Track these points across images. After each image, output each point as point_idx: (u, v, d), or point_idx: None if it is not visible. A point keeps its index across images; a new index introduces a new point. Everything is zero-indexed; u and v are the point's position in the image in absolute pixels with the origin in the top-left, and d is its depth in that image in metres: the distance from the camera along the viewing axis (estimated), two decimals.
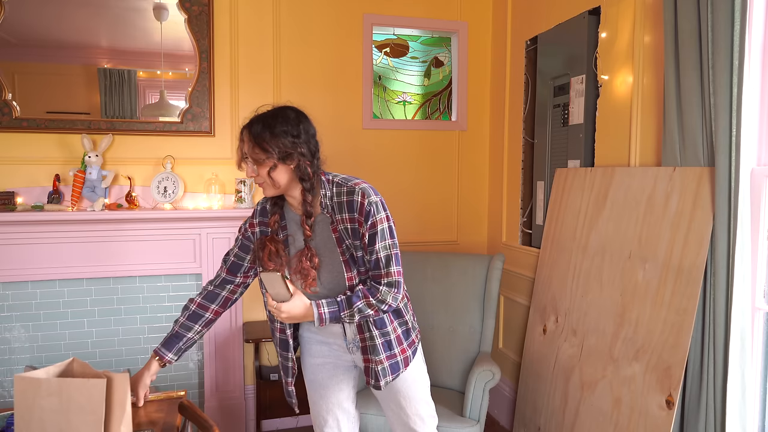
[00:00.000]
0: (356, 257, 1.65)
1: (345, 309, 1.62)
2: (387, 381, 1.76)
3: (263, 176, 1.60)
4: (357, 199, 1.60)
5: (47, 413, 1.27)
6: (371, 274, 1.65)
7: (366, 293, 1.63)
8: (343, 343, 1.81)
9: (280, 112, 1.63)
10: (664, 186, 2.02)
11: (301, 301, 1.61)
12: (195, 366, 3.04)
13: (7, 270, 2.69)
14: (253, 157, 1.58)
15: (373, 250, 1.61)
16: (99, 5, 2.79)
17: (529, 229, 3.07)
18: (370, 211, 1.59)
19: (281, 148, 1.57)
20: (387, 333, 1.74)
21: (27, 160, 2.76)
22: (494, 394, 3.19)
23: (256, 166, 1.60)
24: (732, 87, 1.71)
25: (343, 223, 1.63)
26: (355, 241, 1.63)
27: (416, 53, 3.47)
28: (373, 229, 1.60)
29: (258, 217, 1.80)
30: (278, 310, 1.59)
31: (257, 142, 1.57)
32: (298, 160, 1.59)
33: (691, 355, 1.87)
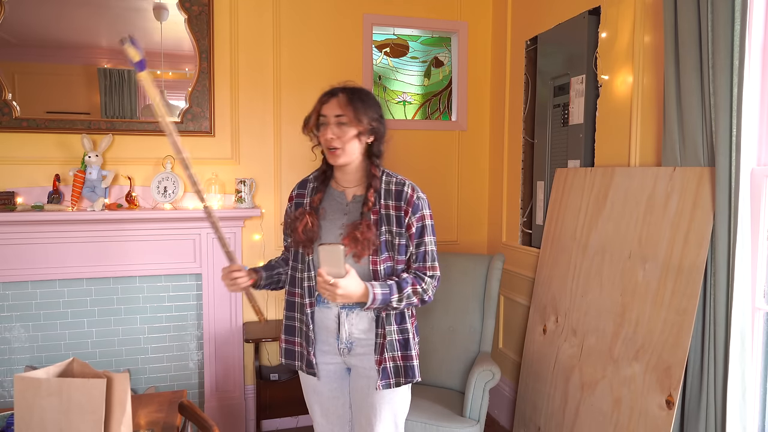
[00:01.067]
0: (394, 244, 1.66)
1: (395, 293, 1.61)
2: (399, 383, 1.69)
3: (344, 140, 1.63)
4: (407, 190, 1.68)
5: (47, 413, 1.27)
6: (416, 266, 1.69)
7: (414, 281, 1.65)
8: (335, 344, 1.74)
9: (368, 90, 1.72)
10: (664, 186, 2.02)
11: (356, 280, 1.55)
12: (195, 366, 3.04)
13: (7, 270, 2.69)
14: (344, 120, 1.62)
15: (422, 242, 1.68)
16: (99, 5, 2.79)
17: (529, 229, 3.07)
18: (419, 204, 1.67)
19: (369, 121, 1.64)
20: (405, 330, 1.71)
21: (27, 160, 2.76)
22: (494, 394, 3.19)
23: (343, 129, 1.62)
24: (732, 87, 1.71)
25: (386, 210, 1.67)
26: (398, 229, 1.66)
27: (416, 53, 3.47)
28: (421, 222, 1.68)
29: (297, 189, 1.82)
30: (335, 286, 1.51)
31: (354, 106, 1.62)
32: (377, 137, 1.68)
33: (691, 355, 1.87)
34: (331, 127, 1.63)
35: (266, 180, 3.11)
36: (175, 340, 2.99)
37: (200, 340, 3.02)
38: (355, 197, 1.73)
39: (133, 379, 2.94)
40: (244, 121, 3.06)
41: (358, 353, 1.73)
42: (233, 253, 1.73)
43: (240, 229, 3.00)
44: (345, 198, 1.74)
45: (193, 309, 3.00)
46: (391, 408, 1.74)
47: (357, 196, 1.72)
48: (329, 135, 1.63)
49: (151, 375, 2.97)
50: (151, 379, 2.97)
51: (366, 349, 1.72)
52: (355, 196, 1.73)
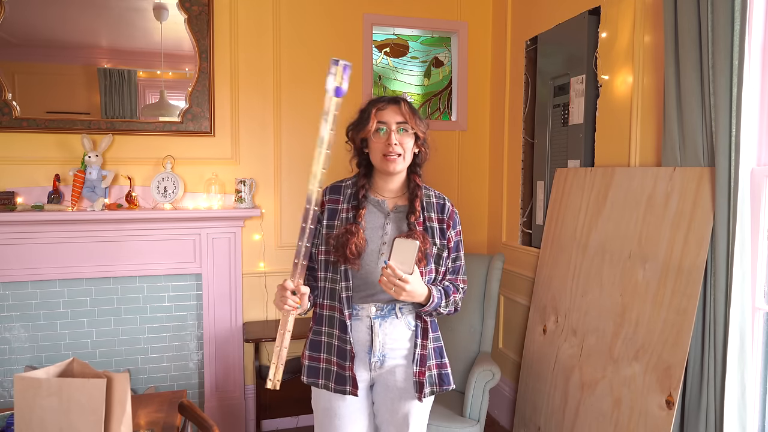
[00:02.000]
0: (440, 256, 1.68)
1: (444, 298, 1.64)
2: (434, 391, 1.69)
3: (405, 148, 1.64)
4: (448, 205, 1.75)
5: (47, 413, 1.27)
6: (450, 278, 1.74)
7: (454, 290, 1.70)
8: (366, 358, 1.65)
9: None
10: (664, 186, 2.02)
11: (420, 279, 1.55)
12: (195, 366, 3.04)
13: (7, 270, 2.70)
14: (411, 126, 1.64)
15: (458, 256, 1.75)
16: (99, 5, 2.79)
17: (529, 229, 3.07)
18: (457, 220, 1.75)
19: (423, 130, 1.67)
20: (439, 339, 1.75)
21: (27, 160, 2.76)
22: (494, 394, 3.19)
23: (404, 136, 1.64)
24: (732, 87, 1.71)
25: (430, 222, 1.70)
26: (441, 241, 1.69)
27: (416, 53, 3.47)
28: (458, 237, 1.75)
29: (329, 194, 1.72)
30: (404, 281, 1.48)
31: (416, 114, 1.66)
32: (423, 146, 1.70)
33: (691, 355, 1.87)
34: (395, 134, 1.63)
35: (266, 180, 3.11)
36: (175, 340, 2.99)
37: (200, 340, 3.02)
38: (396, 207, 1.69)
39: (133, 379, 2.94)
40: (244, 121, 3.06)
41: (389, 366, 1.67)
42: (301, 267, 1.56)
43: (240, 229, 3.01)
44: (386, 207, 1.69)
45: (193, 309, 3.00)
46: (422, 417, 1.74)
47: (399, 206, 1.70)
48: (393, 141, 1.62)
49: (151, 375, 2.97)
50: (151, 379, 2.97)
51: (397, 361, 1.67)
52: (397, 206, 1.70)
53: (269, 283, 3.12)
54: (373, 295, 1.64)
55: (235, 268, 3.01)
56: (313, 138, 1.66)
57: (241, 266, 3.03)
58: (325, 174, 1.56)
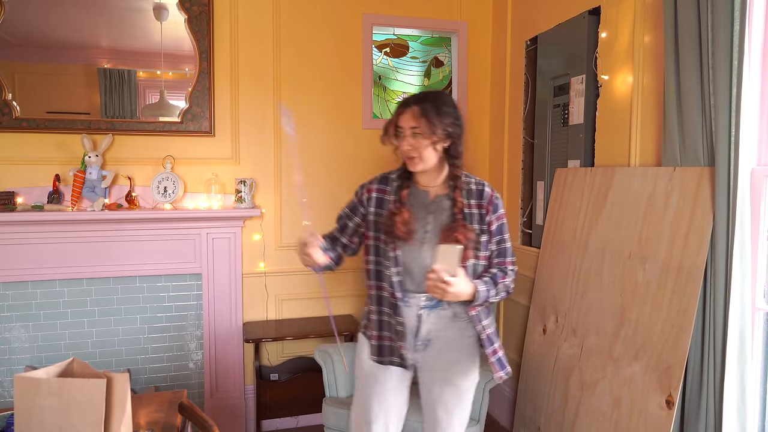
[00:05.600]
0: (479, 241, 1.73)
1: (493, 288, 1.71)
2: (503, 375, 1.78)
3: (420, 150, 1.69)
4: (488, 190, 1.79)
5: (47, 413, 1.27)
6: (497, 261, 1.80)
7: (502, 275, 1.76)
8: (412, 341, 1.78)
9: (444, 95, 1.78)
10: (664, 186, 2.02)
11: (465, 279, 1.63)
12: (195, 366, 3.04)
13: (7, 270, 2.70)
14: (418, 131, 1.68)
15: (502, 239, 1.80)
16: (99, 5, 2.79)
17: (529, 229, 3.07)
18: (498, 204, 1.79)
19: (444, 127, 1.68)
20: (489, 326, 1.81)
21: (27, 160, 2.76)
22: (494, 394, 3.19)
23: (419, 140, 1.68)
24: (732, 87, 1.71)
25: (469, 209, 1.75)
26: (480, 226, 1.74)
27: (416, 53, 3.47)
28: (500, 221, 1.79)
29: (377, 184, 1.84)
30: (447, 284, 1.57)
31: (427, 117, 1.67)
32: (454, 140, 1.72)
33: (691, 355, 1.87)
34: (407, 139, 1.70)
35: (266, 180, 3.11)
36: (175, 340, 2.99)
37: (200, 340, 3.02)
38: (438, 197, 1.78)
39: (133, 379, 2.94)
40: (244, 121, 3.06)
41: (434, 350, 1.80)
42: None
43: (240, 229, 3.01)
44: (428, 197, 1.79)
45: (193, 309, 3.00)
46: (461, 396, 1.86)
47: (440, 195, 1.78)
48: (405, 147, 1.71)
49: (151, 375, 2.97)
50: (151, 379, 2.97)
51: (442, 346, 1.79)
52: (438, 195, 1.79)
53: (269, 283, 3.12)
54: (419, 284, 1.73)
55: (235, 268, 3.01)
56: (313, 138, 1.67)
57: (241, 266, 3.03)
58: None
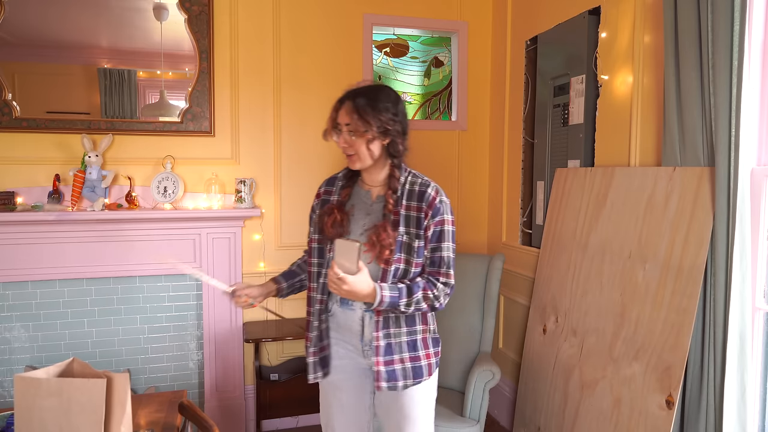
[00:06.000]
0: (412, 246, 1.64)
1: (404, 297, 1.59)
2: (407, 384, 1.67)
3: (356, 147, 1.62)
4: (431, 192, 1.66)
5: (47, 413, 1.27)
6: (429, 270, 1.67)
7: (425, 286, 1.63)
8: (359, 345, 1.72)
9: (383, 89, 1.68)
10: (664, 186, 2.02)
11: (366, 279, 1.54)
12: (195, 366, 3.04)
13: (7, 270, 2.69)
14: (353, 129, 1.61)
15: (438, 247, 1.66)
16: (99, 5, 2.79)
17: (529, 229, 3.07)
18: (440, 208, 1.65)
19: (381, 123, 1.61)
20: (415, 332, 1.70)
21: (27, 160, 2.76)
22: (494, 394, 3.19)
23: (353, 137, 1.62)
24: (732, 87, 1.71)
25: (407, 210, 1.66)
26: (417, 230, 1.64)
27: (416, 53, 3.47)
28: (439, 227, 1.65)
29: (324, 185, 1.82)
30: (342, 281, 1.51)
31: (360, 114, 1.59)
32: (393, 136, 1.64)
33: (692, 355, 1.87)
34: (343, 135, 1.64)
35: (266, 180, 3.11)
36: (175, 340, 2.99)
37: (200, 340, 3.02)
38: (378, 197, 1.72)
39: (133, 379, 2.94)
40: (244, 121, 3.06)
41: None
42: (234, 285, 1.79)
43: (240, 229, 3.00)
44: (370, 197, 1.74)
45: (193, 309, 3.00)
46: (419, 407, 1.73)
47: (380, 196, 1.72)
48: (341, 144, 1.65)
49: (151, 375, 2.97)
50: (151, 379, 2.97)
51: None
52: (379, 196, 1.73)
53: None
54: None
55: (235, 268, 3.01)
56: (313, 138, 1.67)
57: (241, 266, 3.03)
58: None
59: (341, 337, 1.76)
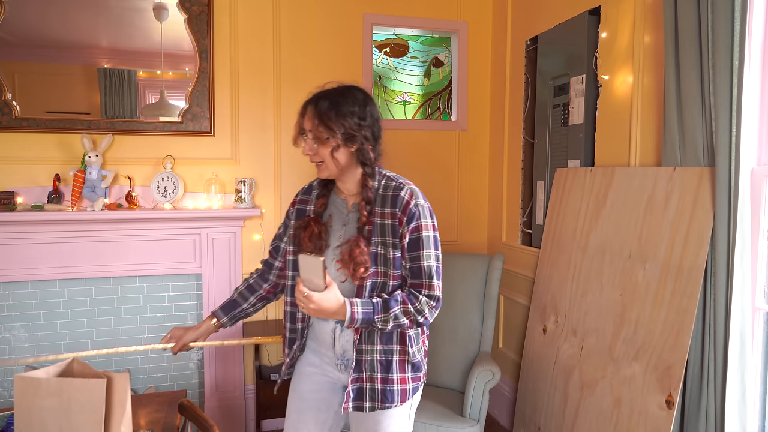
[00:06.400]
0: (388, 257, 1.51)
1: (380, 312, 1.46)
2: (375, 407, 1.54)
3: (322, 155, 1.51)
4: (404, 196, 1.51)
5: (47, 413, 1.27)
6: (411, 282, 1.53)
7: (405, 299, 1.49)
8: (332, 356, 1.62)
9: (348, 91, 1.55)
10: (664, 186, 2.02)
11: (335, 295, 1.43)
12: (195, 366, 3.04)
13: (7, 270, 2.69)
14: (316, 135, 1.50)
15: (416, 256, 1.51)
16: (99, 5, 2.79)
17: (529, 229, 3.07)
18: (416, 213, 1.50)
19: (346, 129, 1.49)
20: (390, 351, 1.55)
21: (27, 160, 2.76)
22: (494, 394, 3.19)
23: (316, 144, 1.51)
24: (732, 87, 1.71)
25: (381, 218, 1.52)
26: (393, 239, 1.51)
27: (416, 53, 3.47)
28: (416, 233, 1.50)
29: (300, 195, 1.72)
30: (308, 299, 1.41)
31: (322, 120, 1.49)
32: (360, 143, 1.51)
33: (692, 355, 1.87)
34: (308, 142, 1.52)
35: (266, 180, 3.11)
36: None
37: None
38: (354, 206, 1.60)
39: (133, 379, 2.94)
40: (244, 121, 3.06)
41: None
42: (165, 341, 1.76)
43: (240, 229, 3.00)
44: (346, 207, 1.62)
45: (193, 309, 3.00)
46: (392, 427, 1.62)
47: (356, 204, 1.60)
48: (305, 152, 1.54)
49: (151, 375, 2.97)
50: (151, 379, 2.97)
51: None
52: (354, 204, 1.60)
53: None
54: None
55: (235, 268, 3.01)
56: None
57: (242, 266, 3.03)
58: None
59: (317, 347, 1.67)
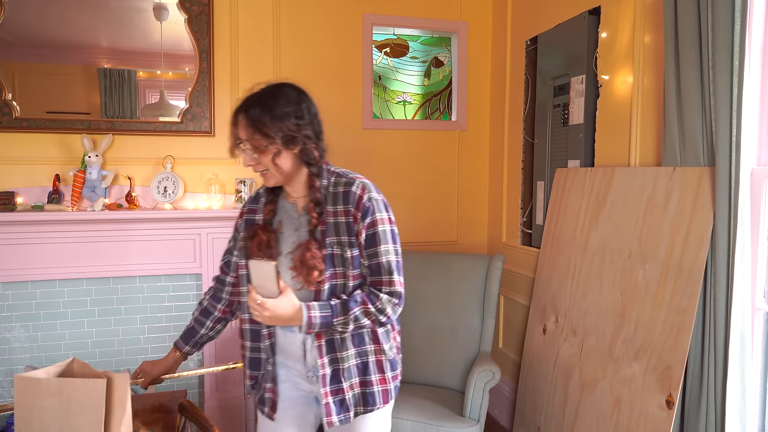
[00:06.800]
0: (345, 257, 1.44)
1: (339, 315, 1.40)
2: (358, 412, 1.48)
3: (265, 164, 1.42)
4: (356, 191, 1.45)
5: (47, 413, 1.27)
6: (371, 280, 1.46)
7: (365, 299, 1.42)
8: (303, 369, 1.54)
9: (279, 91, 1.45)
10: (664, 186, 2.02)
11: (290, 301, 1.37)
12: (195, 366, 3.04)
13: (7, 270, 2.69)
14: (253, 144, 1.40)
15: (374, 252, 1.44)
16: (99, 5, 2.79)
17: (529, 229, 3.07)
18: (370, 207, 1.43)
19: (285, 132, 1.40)
20: (365, 353, 1.49)
21: (27, 160, 2.76)
22: (494, 394, 3.19)
23: (256, 154, 1.41)
24: (732, 87, 1.71)
25: (334, 217, 1.45)
26: (349, 238, 1.44)
27: (416, 53, 3.47)
28: (372, 229, 1.43)
29: (248, 204, 1.64)
30: (262, 306, 1.35)
31: (257, 127, 1.39)
32: (303, 143, 1.43)
33: (692, 355, 1.87)
34: (248, 153, 1.43)
35: None
36: None
37: None
38: (304, 208, 1.52)
39: None
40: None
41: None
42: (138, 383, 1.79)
43: None
44: (296, 210, 1.54)
45: (193, 309, 3.00)
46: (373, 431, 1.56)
47: (306, 207, 1.51)
48: (248, 162, 1.44)
49: None
50: None
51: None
52: (304, 207, 1.52)
53: None
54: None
55: None
56: None
57: None
58: None
59: (284, 360, 1.58)
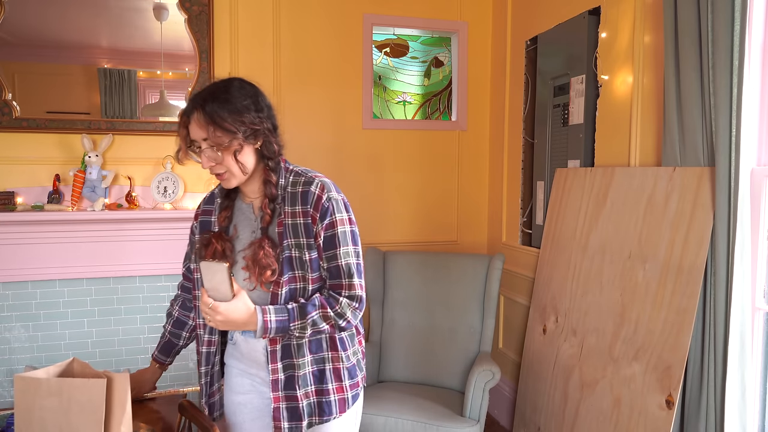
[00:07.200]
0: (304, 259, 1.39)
1: (296, 319, 1.35)
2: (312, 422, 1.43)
3: (227, 163, 1.35)
4: (314, 191, 1.38)
5: (47, 413, 1.27)
6: (329, 284, 1.42)
7: (324, 303, 1.38)
8: (266, 377, 1.46)
9: (231, 85, 1.38)
10: (664, 186, 2.02)
11: (244, 304, 1.32)
12: (195, 366, 3.04)
13: (7, 270, 2.69)
14: (214, 141, 1.32)
15: (333, 255, 1.38)
16: (99, 5, 2.79)
17: (529, 229, 3.07)
18: (329, 208, 1.38)
19: (246, 126, 1.33)
20: (322, 360, 1.44)
21: (27, 160, 2.76)
22: (494, 394, 3.19)
23: (219, 153, 1.33)
24: (732, 87, 1.71)
25: (292, 218, 1.39)
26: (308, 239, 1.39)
27: (416, 53, 3.47)
28: (331, 230, 1.38)
29: (203, 205, 1.57)
30: (214, 310, 1.30)
31: (216, 122, 1.31)
32: (265, 135, 1.38)
33: (691, 355, 1.87)
34: (206, 153, 1.35)
35: None
36: None
37: None
38: (260, 209, 1.45)
39: None
40: None
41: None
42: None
43: None
44: (252, 212, 1.48)
45: None
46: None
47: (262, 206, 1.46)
48: (207, 163, 1.36)
49: None
50: None
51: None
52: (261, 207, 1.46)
53: None
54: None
55: None
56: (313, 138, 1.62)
57: None
58: None
59: (246, 369, 1.54)
